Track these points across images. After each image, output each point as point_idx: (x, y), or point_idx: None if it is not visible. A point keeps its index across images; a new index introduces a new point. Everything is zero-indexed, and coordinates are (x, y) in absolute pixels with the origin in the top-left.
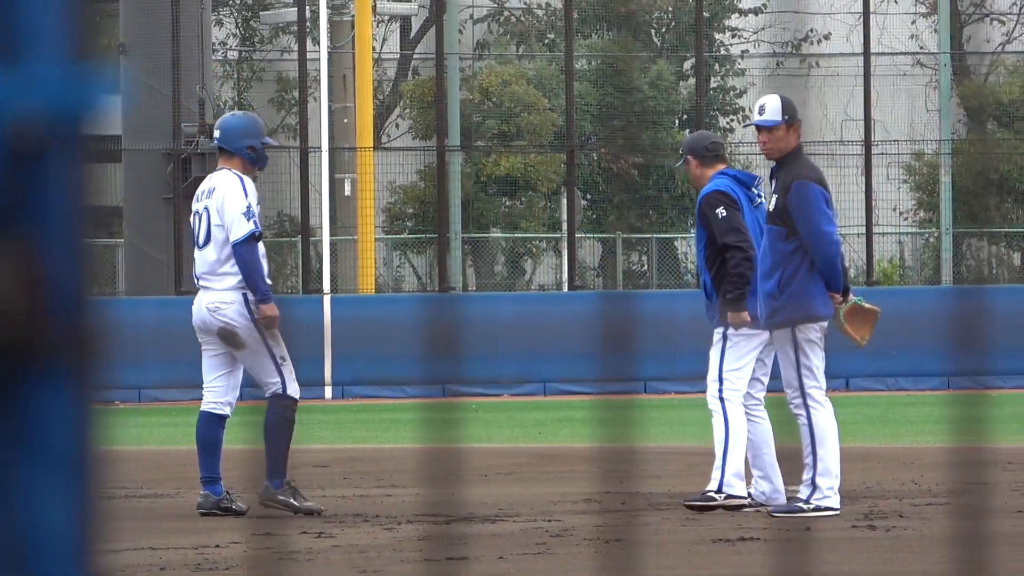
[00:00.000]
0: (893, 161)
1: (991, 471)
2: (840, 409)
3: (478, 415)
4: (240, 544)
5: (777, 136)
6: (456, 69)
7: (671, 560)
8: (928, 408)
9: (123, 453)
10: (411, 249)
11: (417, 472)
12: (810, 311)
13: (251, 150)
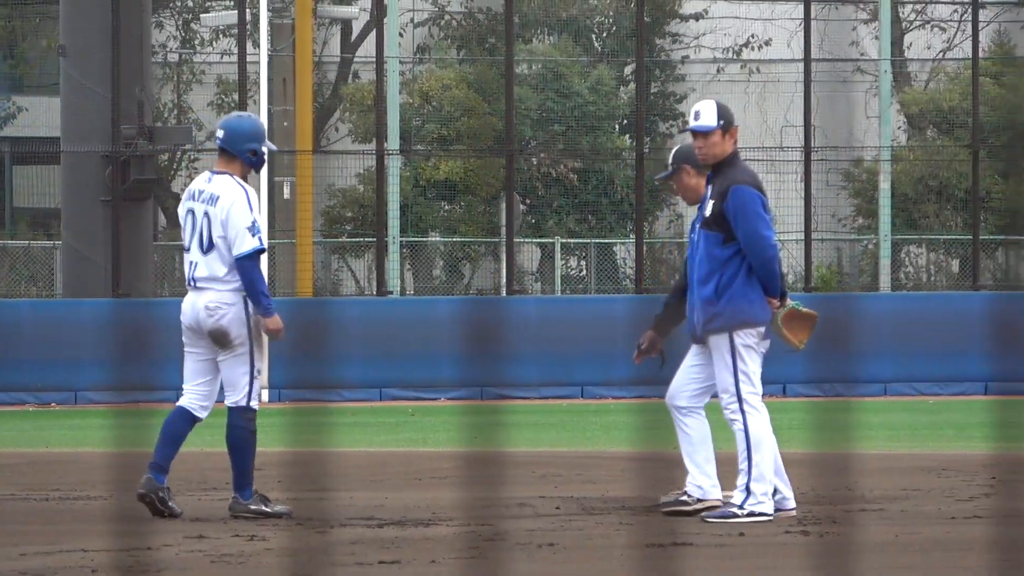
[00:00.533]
0: (833, 167)
1: (926, 477)
2: (776, 415)
3: (414, 419)
4: (172, 547)
5: (713, 141)
6: (396, 73)
7: (604, 565)
8: (864, 414)
9: (58, 455)
10: (349, 253)
11: (350, 476)
12: (748, 316)
13: (253, 154)
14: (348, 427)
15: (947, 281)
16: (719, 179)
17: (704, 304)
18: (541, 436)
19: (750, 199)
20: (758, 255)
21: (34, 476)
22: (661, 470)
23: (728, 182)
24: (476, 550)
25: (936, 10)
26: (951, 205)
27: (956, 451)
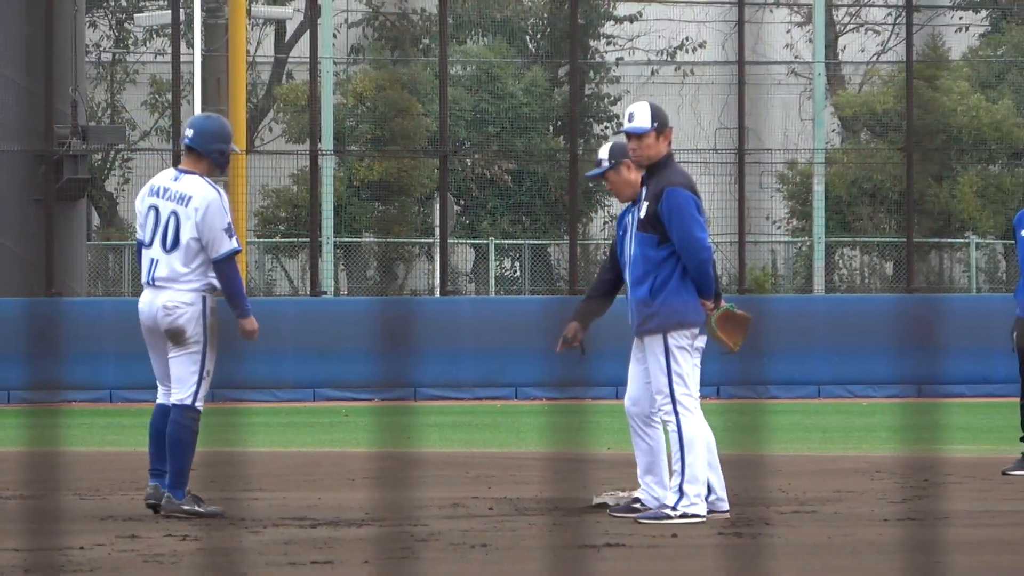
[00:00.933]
0: (767, 170)
1: (859, 479)
2: (711, 417)
3: (348, 419)
4: (105, 546)
5: (647, 143)
6: (330, 73)
7: (536, 566)
8: (797, 416)
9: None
10: (283, 253)
11: (284, 476)
12: (682, 318)
13: (220, 154)
14: (282, 427)
15: (881, 283)
16: (653, 181)
17: (639, 305)
18: (475, 437)
19: (684, 201)
20: (692, 257)
21: None
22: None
23: (662, 184)
24: (409, 550)
25: (870, 13)
26: (885, 208)
27: (889, 453)
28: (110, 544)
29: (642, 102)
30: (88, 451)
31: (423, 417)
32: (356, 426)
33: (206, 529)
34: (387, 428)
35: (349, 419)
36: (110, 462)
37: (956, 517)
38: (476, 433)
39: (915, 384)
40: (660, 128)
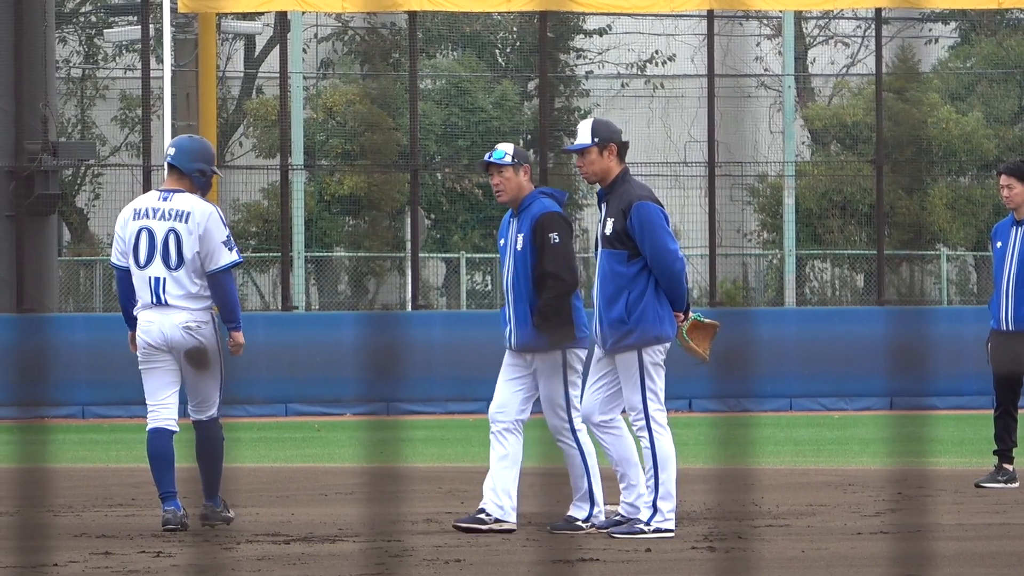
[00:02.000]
0: (737, 182)
1: (832, 492)
2: (682, 430)
3: (319, 435)
4: (79, 563)
5: (591, 159)
6: (300, 88)
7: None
8: (769, 430)
9: None
10: (254, 268)
11: (256, 491)
12: (659, 333)
13: (200, 174)
14: (253, 443)
15: (852, 296)
16: (615, 197)
17: (614, 323)
18: (447, 451)
19: (654, 214)
20: (666, 269)
21: None
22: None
23: (628, 199)
24: (383, 566)
25: (839, 25)
26: (855, 220)
27: (862, 466)
28: (84, 561)
29: (586, 120)
30: (61, 467)
31: (395, 432)
32: (328, 441)
33: (179, 545)
34: (360, 443)
35: (321, 434)
36: (83, 478)
37: (930, 530)
38: (449, 447)
39: (887, 396)
40: (602, 143)
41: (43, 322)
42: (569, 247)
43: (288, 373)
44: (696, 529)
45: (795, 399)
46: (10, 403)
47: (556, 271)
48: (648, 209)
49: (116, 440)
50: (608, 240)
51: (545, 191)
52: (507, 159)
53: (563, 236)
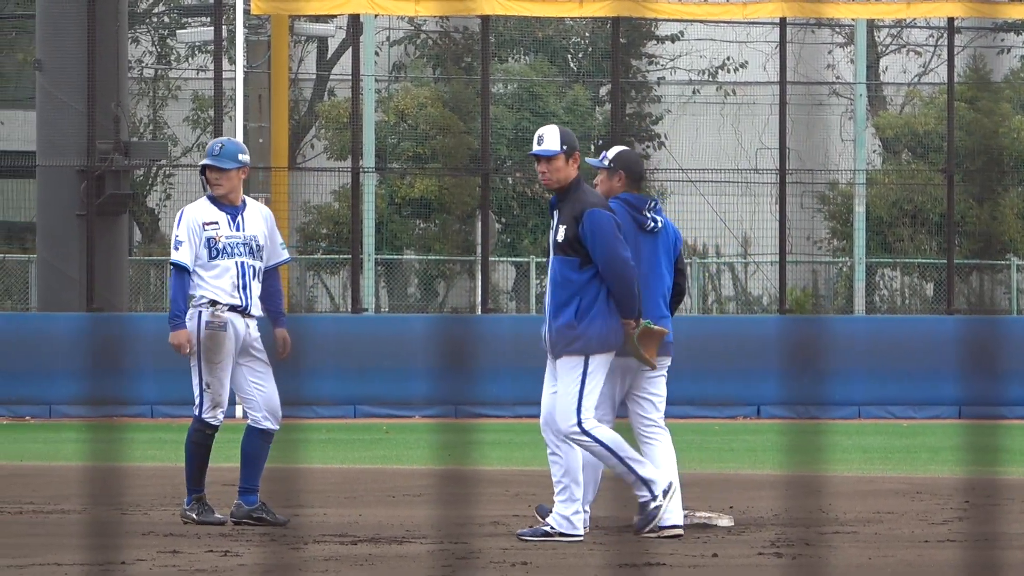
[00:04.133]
0: (807, 190)
1: (899, 500)
2: (751, 436)
3: (388, 436)
4: (146, 562)
5: (556, 166)
6: (372, 91)
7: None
8: (838, 437)
9: (31, 468)
10: (325, 270)
11: (324, 492)
12: (606, 340)
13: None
14: (322, 444)
15: (921, 305)
16: (567, 204)
17: (563, 328)
18: (515, 454)
19: (607, 222)
20: (618, 276)
21: (7, 489)
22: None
23: (581, 206)
24: (449, 568)
25: (912, 35)
26: (925, 229)
27: (930, 474)
28: (151, 559)
29: (551, 126)
30: (129, 466)
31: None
32: (397, 443)
33: (247, 545)
34: (428, 445)
35: (390, 436)
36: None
37: (997, 539)
38: (516, 451)
39: (957, 405)
40: (569, 152)
41: (113, 321)
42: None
43: (357, 375)
44: (763, 535)
45: (864, 407)
46: (80, 401)
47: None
48: (600, 216)
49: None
50: (560, 247)
51: (621, 196)
52: (606, 163)
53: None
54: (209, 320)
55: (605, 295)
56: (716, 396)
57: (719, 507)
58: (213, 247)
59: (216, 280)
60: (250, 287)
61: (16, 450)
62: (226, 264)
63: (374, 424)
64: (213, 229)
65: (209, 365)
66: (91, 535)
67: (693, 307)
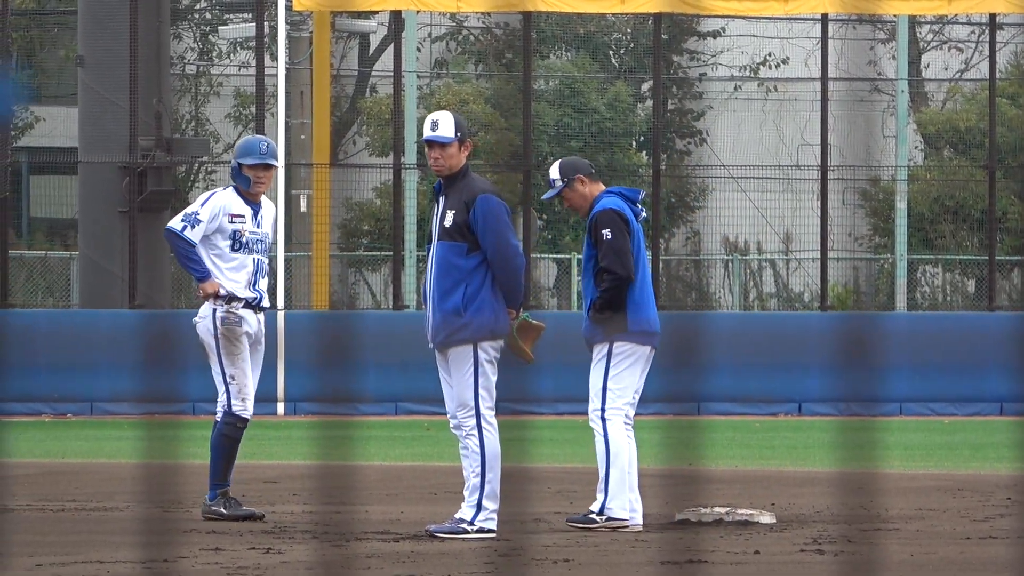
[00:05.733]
0: (849, 186)
1: (941, 497)
2: (792, 433)
3: (429, 433)
4: (188, 559)
5: (450, 153)
6: (414, 87)
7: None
8: (879, 433)
9: (74, 466)
10: (366, 266)
11: (366, 489)
12: (494, 328)
13: (233, 170)
14: (364, 441)
15: (963, 301)
16: (456, 190)
17: (448, 315)
18: (557, 452)
19: (497, 207)
20: (506, 264)
21: (50, 486)
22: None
23: (471, 192)
24: (492, 565)
25: (953, 31)
26: (967, 225)
27: (971, 471)
28: (194, 557)
29: (445, 112)
30: (171, 463)
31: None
32: (438, 440)
33: (289, 542)
34: None
35: (431, 433)
36: (192, 474)
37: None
38: (557, 448)
39: (998, 402)
40: (462, 139)
41: (155, 318)
42: (622, 243)
43: (399, 372)
44: (805, 532)
45: (905, 403)
46: (122, 399)
47: (608, 266)
48: (491, 202)
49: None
50: (448, 232)
51: (613, 191)
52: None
53: (616, 232)
54: (224, 316)
55: (491, 282)
56: (757, 393)
57: (761, 504)
58: (237, 240)
59: (234, 274)
60: (261, 282)
61: (58, 447)
62: (244, 259)
63: (415, 421)
64: (240, 222)
65: (230, 357)
66: (134, 533)
67: (735, 303)
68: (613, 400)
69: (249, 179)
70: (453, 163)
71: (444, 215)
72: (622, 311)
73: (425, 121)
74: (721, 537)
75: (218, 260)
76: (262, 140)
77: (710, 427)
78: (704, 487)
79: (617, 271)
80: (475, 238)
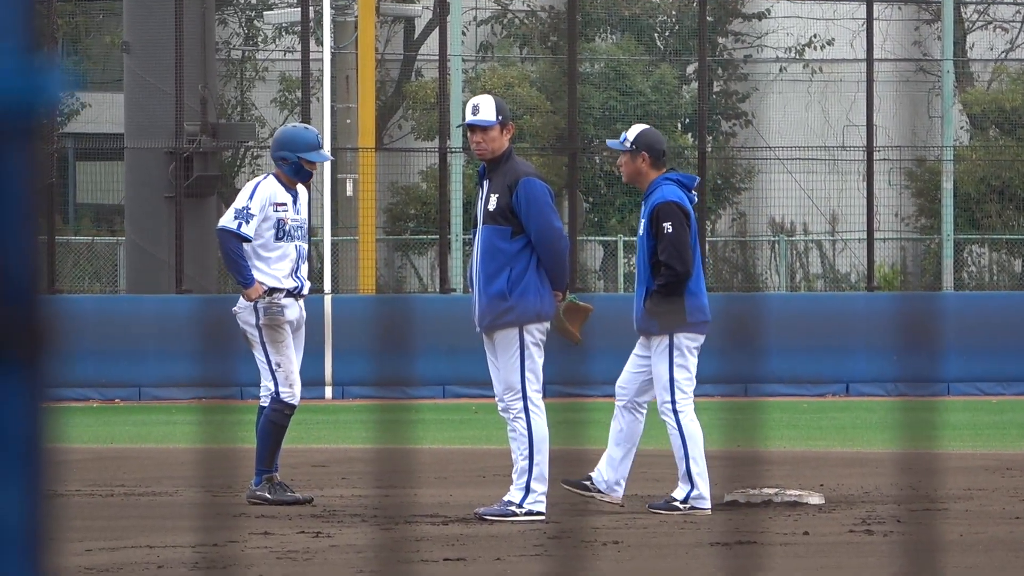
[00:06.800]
0: (895, 167)
1: (990, 477)
2: (839, 414)
3: (477, 416)
4: (238, 543)
5: (492, 136)
6: (459, 70)
7: (668, 563)
8: (927, 414)
9: (122, 451)
10: (412, 250)
11: (415, 473)
12: (539, 311)
13: (282, 161)
14: (412, 424)
15: (1009, 281)
16: (499, 174)
17: (494, 299)
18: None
19: (541, 191)
20: (550, 247)
21: (98, 472)
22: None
23: (514, 176)
24: (541, 548)
25: (999, 11)
26: (1014, 205)
27: (1020, 451)
28: (243, 541)
29: (486, 96)
30: (220, 447)
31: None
32: (486, 423)
33: (338, 526)
34: None
35: (479, 416)
36: (241, 458)
37: None
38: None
39: None
40: (504, 122)
41: (202, 302)
42: (683, 237)
43: (446, 355)
44: (854, 512)
45: (953, 383)
46: (170, 383)
47: (667, 260)
48: (535, 185)
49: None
50: (491, 216)
51: (671, 177)
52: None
53: (677, 226)
54: (266, 307)
55: (536, 265)
56: (805, 374)
57: (809, 485)
58: (281, 228)
59: (277, 264)
60: (302, 269)
61: (106, 432)
62: (287, 248)
63: (463, 404)
64: (283, 211)
65: (275, 345)
66: (183, 517)
67: (781, 285)
68: (681, 392)
69: (310, 173)
70: (495, 147)
71: (488, 199)
72: (680, 303)
73: (466, 105)
74: (770, 518)
75: (262, 251)
76: (314, 133)
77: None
78: (753, 468)
79: (676, 267)
80: (519, 221)
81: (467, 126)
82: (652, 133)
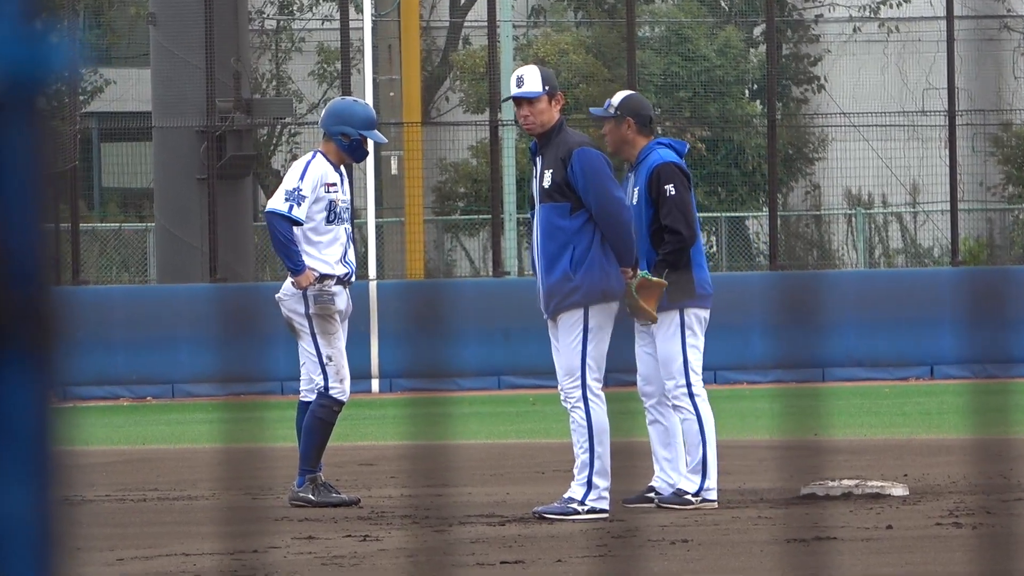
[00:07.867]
0: (979, 132)
1: None
2: (925, 398)
3: (535, 408)
4: (280, 549)
5: (540, 108)
6: (510, 38)
7: (741, 562)
8: (1015, 396)
9: (155, 452)
10: (463, 231)
11: (469, 469)
12: (606, 288)
13: (343, 137)
14: (465, 417)
15: None
16: (551, 148)
17: (559, 280)
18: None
19: (598, 160)
20: (612, 219)
21: (130, 475)
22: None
23: (567, 147)
24: (605, 548)
25: None
26: None
27: None
28: (286, 547)
29: (531, 66)
30: (259, 447)
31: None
32: (545, 415)
33: (387, 528)
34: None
35: (536, 408)
36: (282, 458)
37: None
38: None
39: None
40: (551, 92)
41: (239, 291)
42: (687, 199)
43: (501, 343)
44: (941, 504)
45: None
46: (205, 379)
47: (672, 224)
48: (590, 155)
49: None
50: (547, 193)
51: (663, 142)
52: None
53: (680, 188)
54: (317, 294)
55: (600, 241)
56: (886, 356)
57: (892, 475)
58: (332, 210)
59: (328, 248)
60: (350, 253)
61: (139, 433)
62: (337, 231)
63: (520, 396)
64: (334, 192)
65: (326, 337)
66: (220, 522)
67: (859, 260)
68: (695, 374)
69: (367, 153)
70: (544, 119)
71: (542, 175)
72: (687, 274)
73: (511, 78)
74: (851, 512)
75: (312, 235)
76: (373, 111)
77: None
78: (831, 458)
79: (681, 230)
80: (577, 196)
81: (513, 99)
82: (638, 98)
